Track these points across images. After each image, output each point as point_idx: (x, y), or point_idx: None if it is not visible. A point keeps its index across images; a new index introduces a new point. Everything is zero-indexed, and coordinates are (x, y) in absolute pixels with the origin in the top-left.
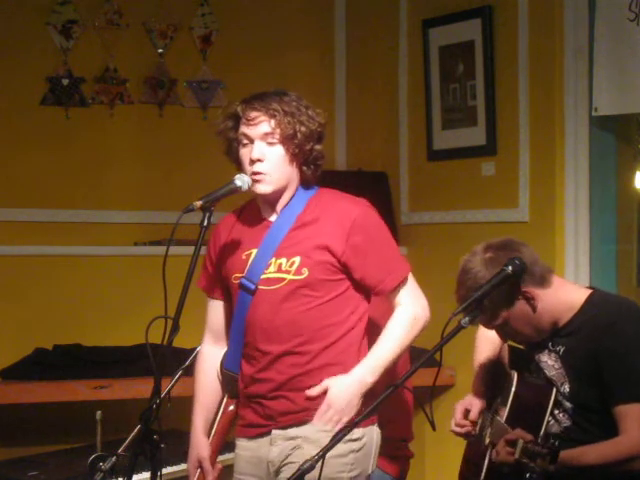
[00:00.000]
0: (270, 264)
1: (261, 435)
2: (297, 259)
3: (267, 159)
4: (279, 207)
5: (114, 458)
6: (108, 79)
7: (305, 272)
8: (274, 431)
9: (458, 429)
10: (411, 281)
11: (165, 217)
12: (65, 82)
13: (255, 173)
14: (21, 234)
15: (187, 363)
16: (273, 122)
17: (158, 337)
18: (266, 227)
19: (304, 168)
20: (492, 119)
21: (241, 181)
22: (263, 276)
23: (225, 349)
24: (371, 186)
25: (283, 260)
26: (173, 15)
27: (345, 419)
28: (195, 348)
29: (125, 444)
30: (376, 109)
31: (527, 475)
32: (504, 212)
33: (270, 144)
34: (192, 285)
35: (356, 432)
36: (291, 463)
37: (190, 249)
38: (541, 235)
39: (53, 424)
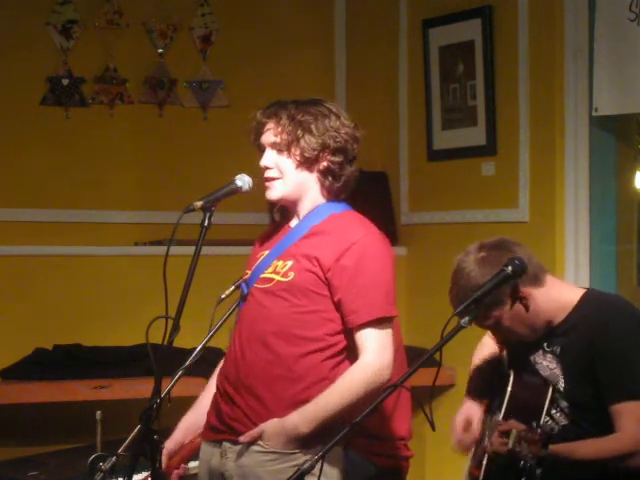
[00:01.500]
0: (271, 265)
1: (213, 441)
2: (289, 262)
3: (275, 166)
4: (302, 215)
5: (114, 458)
6: (108, 79)
7: (291, 275)
8: (224, 443)
9: (462, 446)
10: (387, 330)
11: (165, 217)
12: (65, 82)
13: (265, 180)
14: (21, 234)
15: (187, 363)
16: (278, 128)
17: (158, 337)
18: (285, 232)
19: (321, 178)
20: (492, 119)
21: (242, 181)
22: (262, 275)
23: None
24: (371, 186)
25: (280, 262)
26: (173, 15)
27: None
28: (195, 348)
29: (125, 444)
30: (376, 109)
31: (521, 463)
32: (504, 212)
33: (279, 152)
34: (193, 285)
35: (294, 458)
36: None
37: (190, 249)
38: (541, 235)
39: (53, 424)
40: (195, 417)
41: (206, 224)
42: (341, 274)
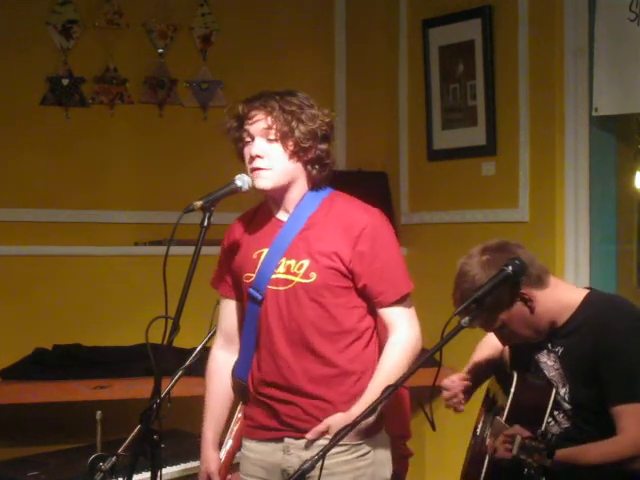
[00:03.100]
0: (280, 264)
1: (272, 440)
2: (306, 262)
3: (266, 155)
4: (290, 207)
5: (114, 458)
6: (108, 79)
7: (313, 276)
8: (287, 439)
9: (448, 396)
10: (411, 304)
11: (165, 217)
12: (65, 82)
13: (254, 169)
14: (21, 234)
15: (187, 363)
16: (270, 119)
17: (158, 337)
18: (277, 226)
19: (309, 167)
20: (492, 119)
21: (241, 181)
22: (273, 276)
23: (237, 353)
24: (371, 186)
25: (292, 261)
26: (173, 15)
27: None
28: (195, 348)
29: (125, 444)
30: (376, 109)
31: (525, 471)
32: (504, 212)
33: (269, 141)
34: (192, 285)
35: (362, 447)
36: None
37: (190, 249)
38: (541, 235)
39: (53, 424)
40: (217, 428)
41: (206, 224)
42: (361, 260)
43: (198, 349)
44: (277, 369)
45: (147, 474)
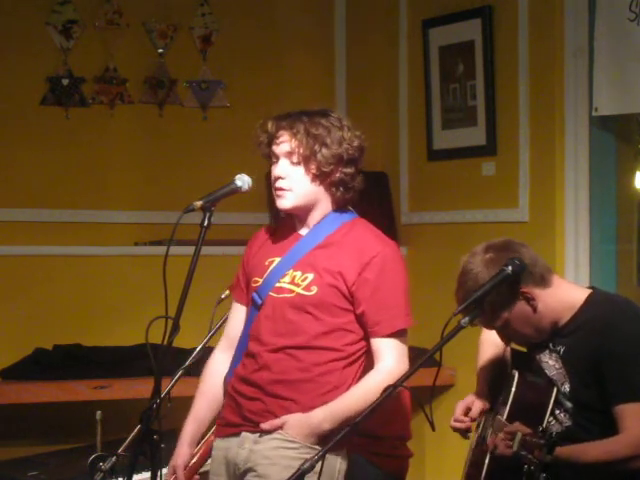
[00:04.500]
0: (287, 274)
1: (232, 435)
2: (310, 275)
3: (288, 177)
4: (312, 224)
5: (114, 458)
6: (108, 79)
7: (314, 290)
8: (243, 433)
9: (457, 424)
10: (405, 339)
11: (165, 217)
12: (65, 82)
13: (276, 189)
14: (21, 234)
15: (187, 363)
16: (294, 141)
17: (158, 337)
18: (296, 239)
19: (332, 189)
20: (492, 119)
21: (241, 181)
22: (277, 284)
23: None
24: (371, 186)
25: (298, 273)
26: (173, 15)
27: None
28: (195, 348)
29: (125, 444)
30: (376, 109)
31: (525, 467)
32: (504, 212)
33: (293, 163)
34: (192, 285)
35: (313, 453)
36: (253, 472)
37: (190, 249)
38: (541, 235)
39: (53, 424)
40: (197, 427)
41: (206, 224)
42: (364, 287)
43: (198, 349)
44: (255, 368)
45: (147, 474)
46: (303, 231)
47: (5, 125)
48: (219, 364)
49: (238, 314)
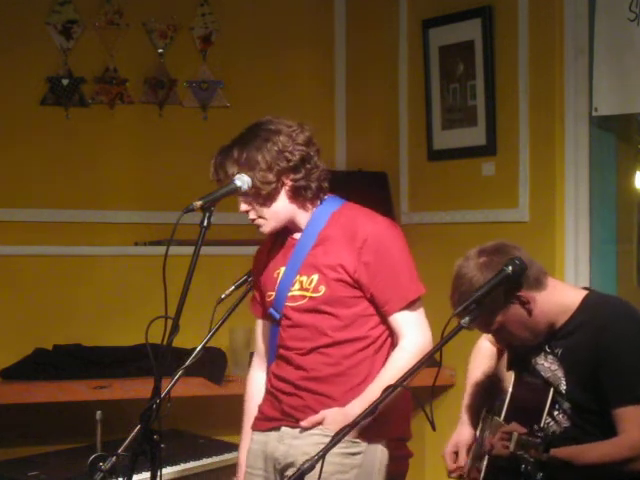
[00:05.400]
0: (295, 282)
1: (271, 429)
2: (315, 277)
3: (252, 209)
4: (302, 225)
5: (114, 458)
6: (108, 79)
7: (322, 289)
8: (283, 428)
9: (454, 475)
10: (419, 309)
11: (165, 217)
12: (65, 82)
13: (251, 220)
14: (21, 234)
15: (187, 363)
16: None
17: (158, 337)
18: (292, 245)
19: (297, 197)
20: (492, 119)
21: (241, 181)
22: (289, 294)
23: None
24: (371, 186)
25: (305, 278)
26: (173, 15)
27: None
28: (195, 348)
29: (125, 444)
30: (376, 109)
31: (522, 467)
32: (504, 212)
33: (245, 196)
34: (192, 285)
35: (356, 446)
36: (294, 467)
37: (190, 249)
38: (541, 235)
39: (53, 424)
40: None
41: (206, 224)
42: (366, 271)
43: (198, 349)
44: (288, 368)
45: (147, 474)
46: (297, 235)
47: (5, 125)
48: (257, 383)
49: (263, 329)
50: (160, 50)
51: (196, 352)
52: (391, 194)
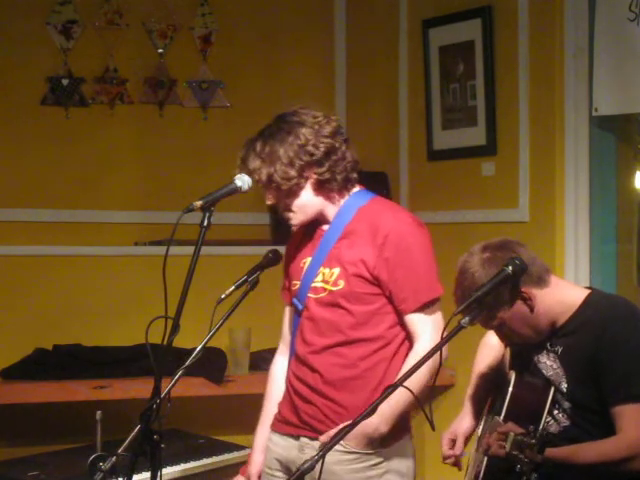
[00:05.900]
0: (319, 273)
1: (290, 435)
2: (336, 270)
3: (280, 202)
4: (331, 217)
5: (114, 458)
6: (108, 79)
7: (341, 284)
8: (302, 439)
9: (447, 461)
10: (435, 311)
11: (165, 217)
12: (65, 82)
13: (281, 214)
14: (21, 234)
15: (187, 363)
16: (256, 175)
17: (158, 337)
18: (320, 236)
19: (322, 190)
20: (492, 119)
21: (241, 181)
22: (312, 285)
23: None
24: (371, 186)
25: (327, 270)
26: (173, 15)
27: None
28: (195, 348)
29: (125, 444)
30: (376, 109)
31: (517, 467)
32: (504, 212)
33: (273, 189)
34: (192, 285)
35: (375, 457)
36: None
37: (190, 249)
38: (541, 235)
39: (53, 424)
40: (267, 435)
41: (206, 224)
42: (385, 268)
43: (198, 349)
44: (304, 367)
45: (147, 474)
46: (325, 226)
47: (5, 125)
48: (280, 367)
49: (290, 316)
50: (160, 50)
51: (196, 352)
52: (391, 194)
